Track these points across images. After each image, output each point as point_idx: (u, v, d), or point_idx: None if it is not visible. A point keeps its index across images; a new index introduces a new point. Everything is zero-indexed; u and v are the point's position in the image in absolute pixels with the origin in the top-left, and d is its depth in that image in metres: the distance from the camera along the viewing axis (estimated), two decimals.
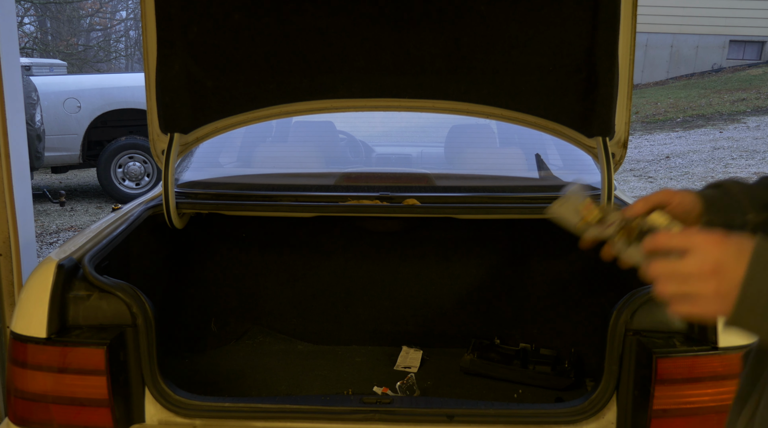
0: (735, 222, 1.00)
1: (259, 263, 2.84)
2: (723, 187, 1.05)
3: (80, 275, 1.82)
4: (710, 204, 1.01)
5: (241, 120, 2.41)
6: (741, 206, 1.01)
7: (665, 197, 1.01)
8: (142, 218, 2.32)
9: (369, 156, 3.75)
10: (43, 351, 1.74)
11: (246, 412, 1.83)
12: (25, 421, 1.78)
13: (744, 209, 1.01)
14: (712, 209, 1.01)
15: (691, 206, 1.00)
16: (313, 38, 2.27)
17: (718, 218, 1.01)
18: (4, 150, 2.66)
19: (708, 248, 0.76)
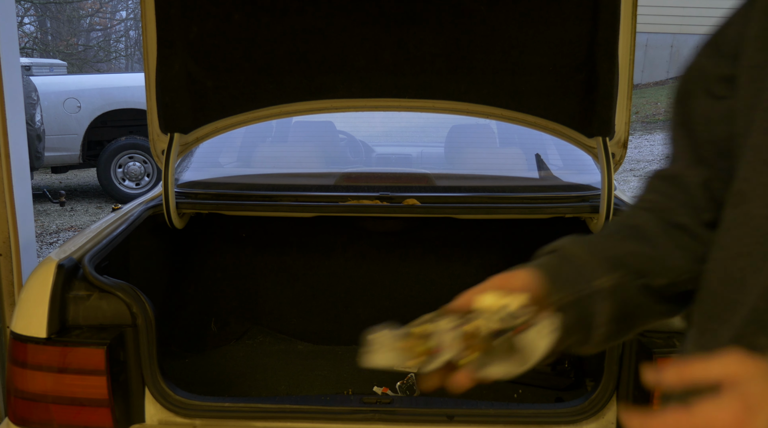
0: (585, 293, 0.81)
1: (259, 263, 2.84)
2: (560, 252, 0.86)
3: (80, 275, 1.82)
4: (555, 278, 0.81)
5: (241, 120, 2.41)
6: (585, 271, 0.82)
7: (499, 285, 0.79)
8: (142, 218, 2.32)
9: (369, 156, 3.75)
10: (43, 351, 1.74)
11: (246, 412, 1.83)
12: (25, 421, 1.78)
13: (590, 275, 0.82)
14: (557, 284, 0.81)
15: (533, 287, 0.80)
16: (313, 38, 2.27)
17: (567, 293, 0.80)
18: (4, 150, 2.66)
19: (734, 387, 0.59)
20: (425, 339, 0.74)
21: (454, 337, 0.73)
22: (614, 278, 0.81)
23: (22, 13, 17.79)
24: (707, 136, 0.86)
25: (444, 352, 0.73)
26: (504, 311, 0.72)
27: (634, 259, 0.84)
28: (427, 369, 0.74)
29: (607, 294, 0.81)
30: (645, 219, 0.89)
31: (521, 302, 0.73)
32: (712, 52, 0.86)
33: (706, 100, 0.86)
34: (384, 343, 0.76)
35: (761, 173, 0.74)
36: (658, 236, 0.86)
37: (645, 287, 0.84)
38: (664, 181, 0.90)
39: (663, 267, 0.85)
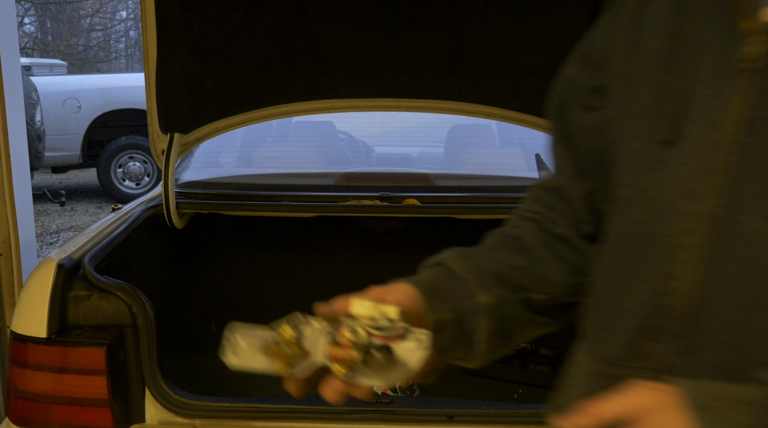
0: (465, 310, 0.78)
1: (259, 263, 2.84)
2: (443, 266, 0.83)
3: (80, 275, 1.82)
4: (433, 295, 0.78)
5: (241, 120, 2.41)
6: (468, 286, 0.80)
7: (377, 296, 0.75)
8: (142, 218, 2.32)
9: (369, 156, 3.75)
10: (43, 351, 1.74)
11: (246, 412, 1.83)
12: (25, 421, 1.78)
13: (472, 290, 0.79)
14: (436, 301, 0.77)
15: (410, 302, 0.76)
16: (313, 38, 2.27)
17: (447, 311, 0.78)
18: (4, 150, 2.66)
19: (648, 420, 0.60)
20: (294, 342, 0.69)
21: (325, 342, 0.68)
22: (494, 294, 0.80)
23: (22, 13, 17.80)
24: (586, 147, 0.87)
25: (314, 357, 0.69)
26: (378, 321, 0.68)
27: (514, 273, 0.83)
28: (296, 374, 0.70)
29: (487, 311, 0.79)
30: (527, 230, 0.89)
31: (396, 314, 0.68)
32: (582, 64, 0.88)
33: (580, 113, 0.87)
34: (249, 343, 0.71)
35: (640, 179, 0.74)
36: (539, 248, 0.87)
37: (525, 300, 0.83)
38: (548, 192, 0.91)
39: (542, 282, 0.85)
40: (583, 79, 0.87)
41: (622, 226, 0.78)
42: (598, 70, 0.84)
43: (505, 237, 0.90)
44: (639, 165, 0.75)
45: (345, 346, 0.67)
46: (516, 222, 0.92)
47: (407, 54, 2.28)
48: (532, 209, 0.91)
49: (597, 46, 0.86)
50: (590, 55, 0.87)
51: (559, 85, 0.91)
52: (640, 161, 0.74)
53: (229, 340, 0.71)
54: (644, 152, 0.74)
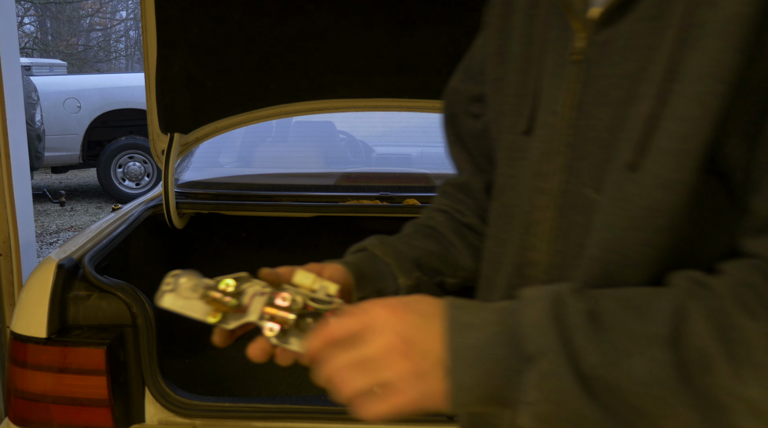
0: (388, 291, 0.88)
1: (259, 263, 2.83)
2: (368, 250, 0.92)
3: (80, 275, 1.82)
4: (360, 276, 0.87)
5: (241, 120, 2.41)
6: (391, 269, 0.89)
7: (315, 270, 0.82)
8: (142, 218, 2.32)
9: (369, 156, 3.75)
10: (43, 351, 1.74)
11: (246, 412, 1.83)
12: (25, 421, 1.78)
13: (394, 273, 0.89)
14: (363, 280, 0.86)
15: (342, 280, 0.84)
16: (313, 38, 2.27)
17: (371, 289, 0.87)
18: (4, 150, 2.66)
19: (386, 322, 0.65)
20: (232, 296, 0.71)
21: (262, 302, 0.71)
22: (413, 277, 0.89)
23: (22, 13, 17.80)
24: (478, 150, 0.99)
25: (248, 314, 0.71)
26: (317, 293, 0.72)
27: (430, 258, 0.93)
28: (225, 326, 0.72)
29: (408, 291, 0.88)
30: (439, 220, 0.99)
31: (335, 291, 0.73)
32: (465, 76, 1.00)
33: (468, 121, 0.99)
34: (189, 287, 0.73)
35: (510, 167, 0.84)
36: (450, 236, 0.97)
37: (441, 283, 0.93)
38: (454, 188, 1.02)
39: (455, 267, 0.95)
40: (467, 90, 0.99)
41: (498, 211, 0.87)
42: (478, 78, 0.96)
43: (420, 227, 0.99)
44: (508, 156, 0.85)
45: (280, 308, 0.70)
46: (429, 214, 1.02)
47: (407, 54, 2.28)
48: (443, 202, 1.02)
49: (476, 58, 0.98)
50: (471, 67, 0.99)
51: (447, 97, 1.03)
52: (508, 152, 0.85)
53: (169, 282, 0.73)
54: (511, 143, 0.84)
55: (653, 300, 0.62)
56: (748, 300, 0.58)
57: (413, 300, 0.68)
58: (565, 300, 0.63)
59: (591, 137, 0.72)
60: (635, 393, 0.59)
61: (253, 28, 2.25)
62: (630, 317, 0.61)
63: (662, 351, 0.58)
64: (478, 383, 0.63)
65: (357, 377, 0.64)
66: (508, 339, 0.63)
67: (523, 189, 0.81)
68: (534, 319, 0.63)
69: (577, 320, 0.62)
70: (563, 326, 0.62)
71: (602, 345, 0.60)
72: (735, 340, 0.57)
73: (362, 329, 0.65)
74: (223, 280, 0.73)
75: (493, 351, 0.63)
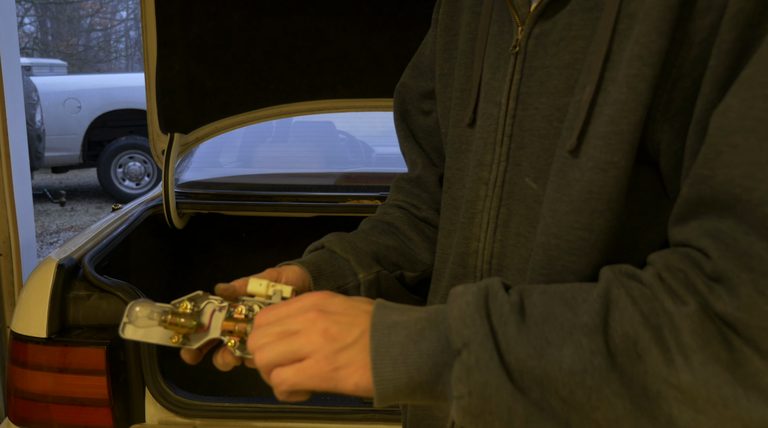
0: (349, 286, 0.88)
1: (260, 263, 2.84)
2: (326, 248, 0.93)
3: (80, 275, 1.82)
4: (318, 273, 0.87)
5: (241, 120, 2.41)
6: (350, 265, 0.89)
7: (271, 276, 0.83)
8: (142, 218, 2.32)
9: (369, 156, 3.75)
10: (43, 351, 1.74)
11: (246, 412, 1.83)
12: (25, 421, 1.78)
13: (354, 268, 0.89)
14: (321, 278, 0.87)
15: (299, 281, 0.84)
16: (313, 38, 2.27)
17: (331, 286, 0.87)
18: (4, 150, 2.66)
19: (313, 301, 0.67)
20: (191, 317, 0.72)
21: (221, 318, 0.73)
22: (372, 272, 0.89)
23: (22, 13, 17.80)
24: (431, 146, 1.01)
25: (210, 331, 0.73)
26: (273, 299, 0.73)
27: (388, 252, 0.94)
28: (189, 347, 0.73)
29: (367, 287, 0.88)
30: (396, 216, 1.00)
31: (289, 293, 0.74)
32: (415, 73, 1.01)
33: (419, 117, 1.01)
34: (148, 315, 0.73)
35: (456, 160, 0.86)
36: (408, 230, 0.98)
37: (400, 277, 0.93)
38: (409, 183, 1.03)
39: (413, 261, 0.96)
40: (417, 86, 1.00)
41: (447, 203, 0.88)
42: (428, 75, 0.98)
43: (376, 223, 1.00)
44: (455, 149, 0.86)
45: (238, 320, 0.71)
46: (385, 210, 1.03)
47: (407, 54, 2.28)
48: (398, 198, 1.03)
49: (425, 55, 0.99)
50: (420, 63, 1.00)
51: (398, 93, 1.03)
52: (455, 145, 0.86)
53: (128, 313, 0.74)
54: (457, 136, 0.85)
55: (582, 292, 0.62)
56: (675, 286, 0.58)
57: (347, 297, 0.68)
58: (492, 293, 0.63)
59: (530, 127, 0.73)
60: (565, 383, 0.58)
61: (253, 28, 2.25)
62: (558, 309, 0.61)
63: (591, 339, 0.58)
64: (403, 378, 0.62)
65: (274, 347, 0.65)
66: (435, 333, 0.62)
67: (467, 180, 0.83)
68: (460, 312, 0.62)
69: (505, 312, 0.61)
70: (489, 318, 0.61)
71: (530, 336, 0.60)
72: (663, 325, 0.56)
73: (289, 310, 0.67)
74: (181, 303, 0.73)
75: (419, 346, 0.62)
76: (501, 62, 0.78)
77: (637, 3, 0.62)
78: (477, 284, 0.65)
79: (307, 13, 2.24)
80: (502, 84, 0.77)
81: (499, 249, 0.78)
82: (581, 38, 0.68)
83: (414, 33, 2.25)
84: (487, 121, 0.79)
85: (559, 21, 0.71)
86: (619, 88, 0.62)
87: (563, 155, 0.67)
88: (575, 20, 0.69)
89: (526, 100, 0.74)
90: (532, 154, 0.73)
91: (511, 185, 0.76)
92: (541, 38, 0.73)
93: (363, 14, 2.24)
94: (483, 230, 0.79)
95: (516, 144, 0.75)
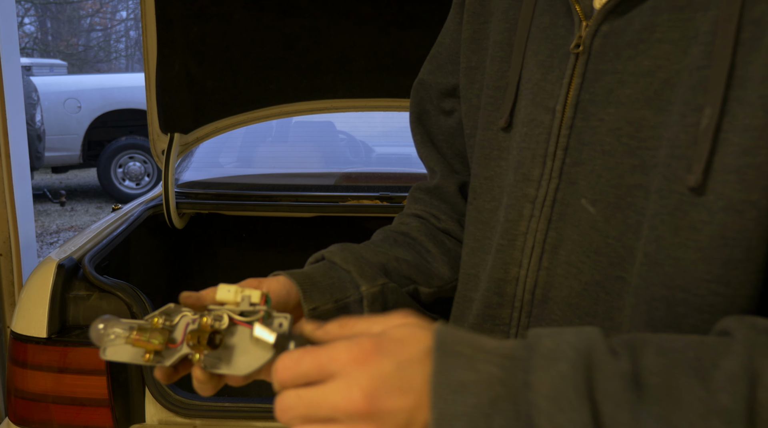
0: (350, 300, 0.77)
1: (259, 263, 2.84)
2: (326, 260, 0.82)
3: (80, 275, 1.82)
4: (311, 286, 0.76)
5: (241, 120, 2.41)
6: (351, 276, 0.78)
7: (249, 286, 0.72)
8: (142, 218, 2.32)
9: (369, 156, 3.75)
10: (43, 351, 1.74)
11: (246, 412, 1.83)
12: (25, 421, 1.78)
13: (355, 280, 0.78)
14: (314, 292, 0.76)
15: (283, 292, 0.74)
16: (313, 38, 2.27)
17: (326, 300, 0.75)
18: (4, 150, 2.66)
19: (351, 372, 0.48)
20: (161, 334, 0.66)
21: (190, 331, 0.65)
22: (377, 284, 0.78)
23: (22, 13, 17.80)
24: (451, 150, 0.89)
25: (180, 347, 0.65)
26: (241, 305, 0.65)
27: (400, 265, 0.82)
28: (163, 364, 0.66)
29: (371, 300, 0.77)
30: (413, 226, 0.89)
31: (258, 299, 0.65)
32: (433, 67, 0.89)
33: (439, 118, 0.89)
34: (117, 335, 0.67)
35: (485, 167, 0.75)
36: (426, 242, 0.87)
37: (414, 292, 0.83)
38: (427, 193, 0.92)
39: (429, 275, 0.84)
40: (437, 83, 0.88)
41: (473, 216, 0.78)
42: (448, 68, 0.85)
43: (391, 234, 0.89)
44: (484, 154, 0.75)
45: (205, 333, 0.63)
46: (401, 220, 0.92)
47: (407, 54, 2.28)
48: (416, 207, 0.92)
49: (445, 44, 0.87)
50: (439, 55, 0.88)
51: (415, 92, 0.92)
52: (484, 150, 0.75)
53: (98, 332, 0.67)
54: (488, 141, 0.75)
55: (710, 353, 0.47)
56: None
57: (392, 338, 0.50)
58: (597, 361, 0.47)
59: (591, 141, 0.64)
60: None
61: (253, 28, 2.25)
62: (685, 381, 0.45)
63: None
64: None
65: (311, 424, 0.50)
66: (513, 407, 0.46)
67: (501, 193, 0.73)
68: (552, 387, 0.46)
69: (615, 389, 0.45)
70: (593, 398, 0.45)
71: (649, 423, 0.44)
72: None
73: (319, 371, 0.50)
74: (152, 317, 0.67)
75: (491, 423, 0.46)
76: (555, 61, 0.68)
77: (765, 6, 0.53)
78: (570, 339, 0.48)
79: (307, 13, 2.24)
80: (556, 87, 0.67)
81: (545, 279, 0.67)
82: (667, 42, 0.58)
83: (414, 33, 2.25)
84: (536, 129, 0.68)
85: (636, 19, 0.61)
86: (752, 112, 0.52)
87: (680, 192, 0.56)
88: (661, 20, 0.59)
89: (588, 108, 0.64)
90: (591, 172, 0.63)
91: (563, 205, 0.66)
92: (611, 38, 0.63)
93: (363, 14, 2.23)
94: (526, 255, 0.69)
95: (572, 159, 0.65)
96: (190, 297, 0.69)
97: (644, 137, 0.60)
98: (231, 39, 2.27)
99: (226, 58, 2.30)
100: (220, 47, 2.28)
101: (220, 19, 2.23)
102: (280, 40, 2.27)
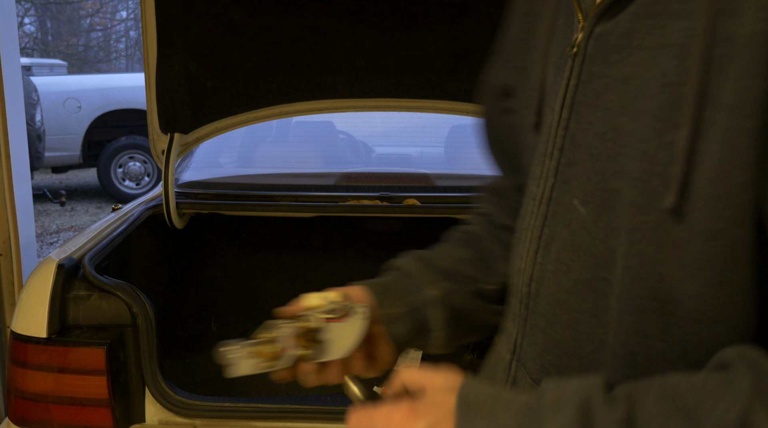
0: (417, 303, 0.84)
1: (259, 263, 2.84)
2: (402, 269, 0.89)
3: (80, 275, 1.82)
4: (384, 293, 0.85)
5: (241, 120, 2.41)
6: (419, 283, 0.85)
7: None
8: (142, 218, 2.32)
9: (369, 156, 3.75)
10: (43, 351, 1.74)
11: (246, 412, 1.83)
12: (25, 421, 1.78)
13: (423, 286, 0.85)
14: (386, 300, 0.84)
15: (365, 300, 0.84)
16: (313, 38, 2.27)
17: (397, 307, 0.84)
18: (4, 150, 2.66)
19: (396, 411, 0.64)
20: (272, 344, 0.82)
21: (292, 337, 0.81)
22: (441, 287, 0.85)
23: (22, 13, 17.80)
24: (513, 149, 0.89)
25: (289, 352, 0.81)
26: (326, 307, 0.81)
27: (462, 266, 0.89)
28: (279, 368, 0.82)
29: (437, 302, 0.85)
30: (477, 225, 0.96)
31: (338, 297, 0.81)
32: (496, 65, 0.89)
33: (500, 117, 0.90)
34: (237, 354, 0.84)
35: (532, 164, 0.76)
36: (487, 239, 0.92)
37: (477, 291, 0.88)
38: (491, 192, 0.98)
39: (491, 272, 0.89)
40: (497, 81, 0.89)
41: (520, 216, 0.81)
42: (504, 65, 0.86)
43: (459, 234, 0.96)
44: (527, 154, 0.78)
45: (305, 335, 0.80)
46: (471, 219, 0.99)
47: (407, 54, 2.28)
48: (483, 207, 0.98)
49: (506, 41, 0.87)
50: (501, 53, 0.88)
51: (480, 92, 0.93)
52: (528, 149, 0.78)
53: (222, 356, 0.84)
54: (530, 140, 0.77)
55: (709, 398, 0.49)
56: None
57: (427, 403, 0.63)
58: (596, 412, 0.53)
59: (581, 143, 0.64)
60: None
61: (253, 28, 2.25)
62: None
63: None
64: None
65: None
66: None
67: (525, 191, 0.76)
68: None
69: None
70: None
71: None
72: None
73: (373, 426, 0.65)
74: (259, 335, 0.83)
75: None
76: (561, 62, 0.68)
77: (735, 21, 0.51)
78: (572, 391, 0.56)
79: (307, 13, 2.24)
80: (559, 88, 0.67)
81: (539, 273, 0.70)
82: (643, 49, 0.57)
83: (414, 33, 2.25)
84: (545, 128, 0.70)
85: (621, 23, 0.60)
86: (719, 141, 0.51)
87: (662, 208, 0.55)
88: (640, 26, 0.58)
89: (581, 111, 0.64)
90: (582, 174, 0.64)
91: (557, 204, 0.67)
92: (602, 41, 0.62)
93: (363, 14, 2.23)
94: (526, 249, 0.72)
95: (566, 159, 0.66)
96: (285, 311, 0.81)
97: (623, 143, 0.60)
98: (231, 39, 2.27)
99: (226, 58, 2.30)
100: (220, 47, 2.28)
101: (220, 19, 2.23)
102: (280, 40, 2.27)
